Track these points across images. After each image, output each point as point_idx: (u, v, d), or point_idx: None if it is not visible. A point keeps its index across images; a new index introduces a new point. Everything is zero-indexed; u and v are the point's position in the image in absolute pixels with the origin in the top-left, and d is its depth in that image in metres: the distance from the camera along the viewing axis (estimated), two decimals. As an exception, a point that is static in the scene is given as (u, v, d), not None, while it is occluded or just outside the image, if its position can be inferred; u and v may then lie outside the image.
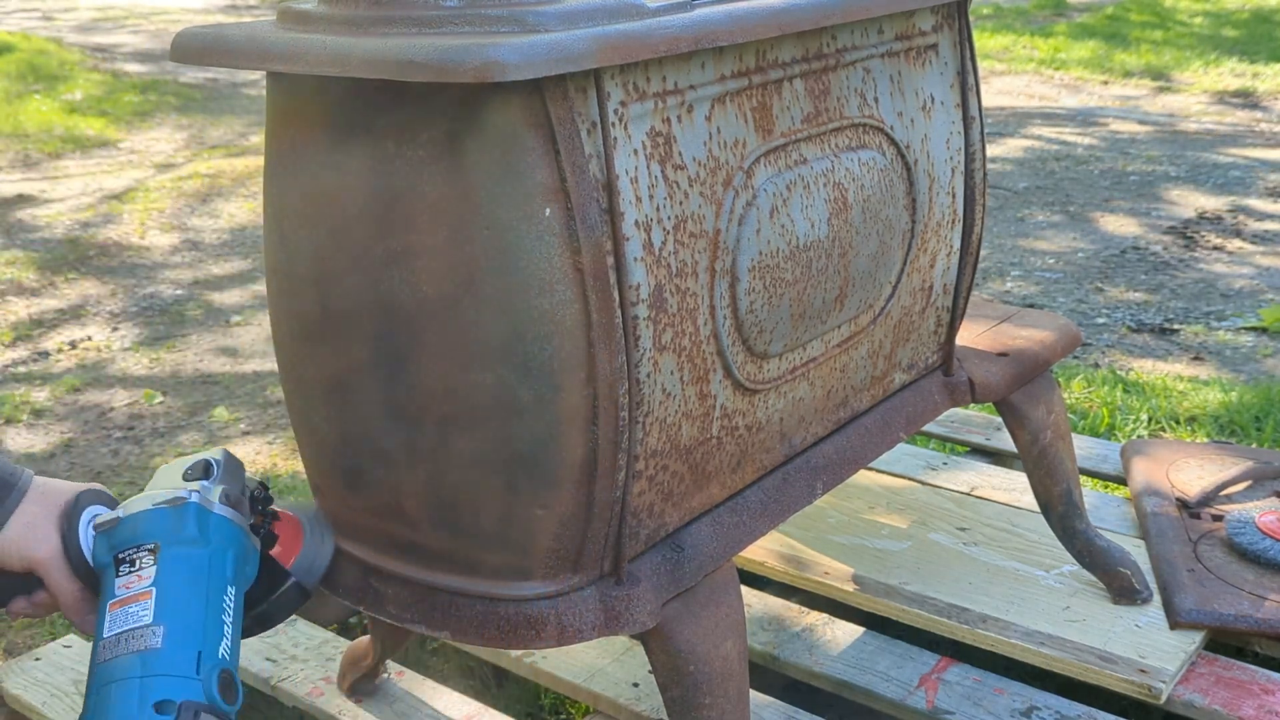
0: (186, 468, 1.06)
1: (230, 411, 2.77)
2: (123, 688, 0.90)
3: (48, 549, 1.03)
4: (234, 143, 5.40)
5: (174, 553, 0.98)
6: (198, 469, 1.05)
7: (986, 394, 1.54)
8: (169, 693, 0.89)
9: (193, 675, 0.91)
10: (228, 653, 0.96)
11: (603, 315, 1.00)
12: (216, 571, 0.99)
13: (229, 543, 1.02)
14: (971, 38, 1.43)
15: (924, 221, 1.40)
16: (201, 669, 0.91)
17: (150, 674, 0.90)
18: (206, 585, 0.98)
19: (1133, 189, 4.44)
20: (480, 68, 0.89)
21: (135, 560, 0.98)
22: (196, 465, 1.06)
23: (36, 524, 1.03)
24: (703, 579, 1.16)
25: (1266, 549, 1.72)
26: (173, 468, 1.08)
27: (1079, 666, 1.56)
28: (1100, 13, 8.08)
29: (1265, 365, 2.90)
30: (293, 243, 1.10)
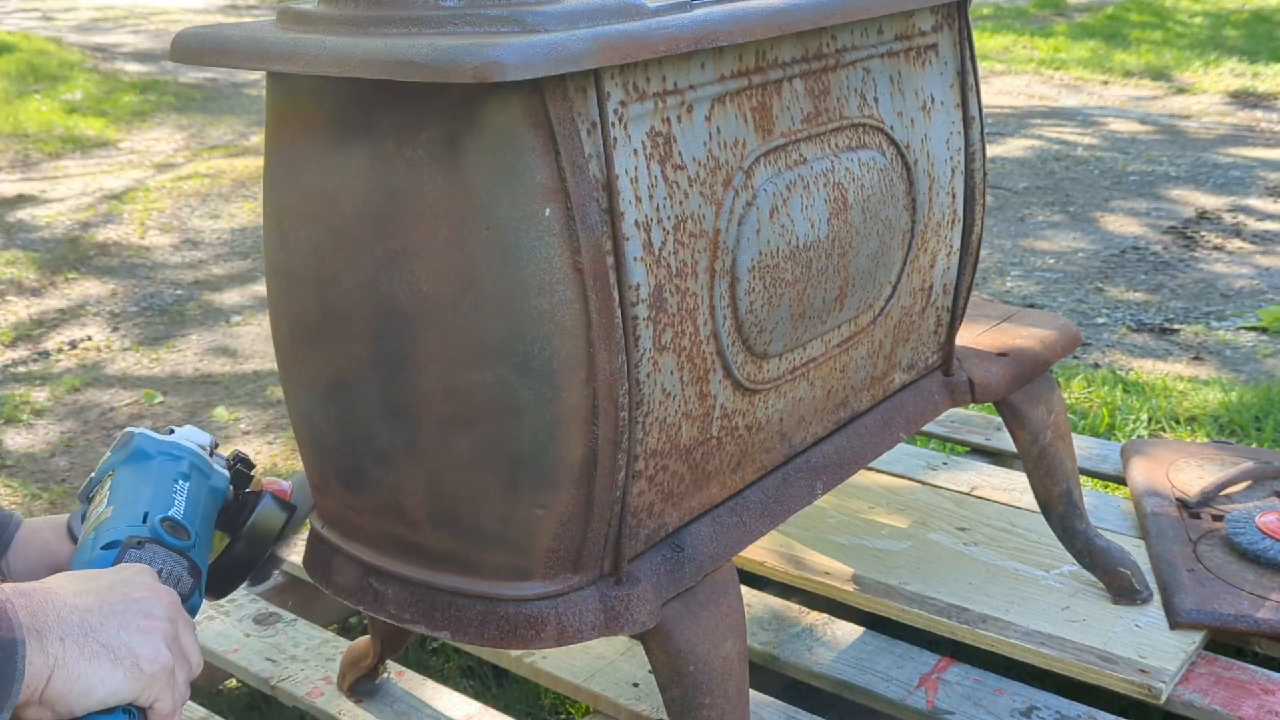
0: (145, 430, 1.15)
1: (230, 411, 2.76)
2: (78, 553, 1.02)
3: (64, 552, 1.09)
4: (234, 143, 5.40)
5: (122, 468, 1.08)
6: (161, 430, 1.14)
7: (986, 394, 1.54)
8: (114, 536, 1.00)
9: (139, 524, 1.01)
10: (179, 514, 1.04)
11: (603, 315, 1.00)
12: (160, 467, 1.08)
13: (178, 455, 1.09)
14: (971, 38, 1.43)
15: (924, 221, 1.40)
16: (148, 520, 1.01)
17: (103, 535, 1.01)
18: (153, 476, 1.07)
19: (1133, 189, 4.44)
20: (480, 68, 0.89)
21: (96, 494, 1.08)
22: (159, 429, 1.15)
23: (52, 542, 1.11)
24: (702, 579, 1.16)
25: (1266, 549, 1.72)
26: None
27: (1079, 666, 1.56)
28: (1100, 13, 8.09)
29: (1265, 365, 2.90)
30: (293, 243, 1.10)
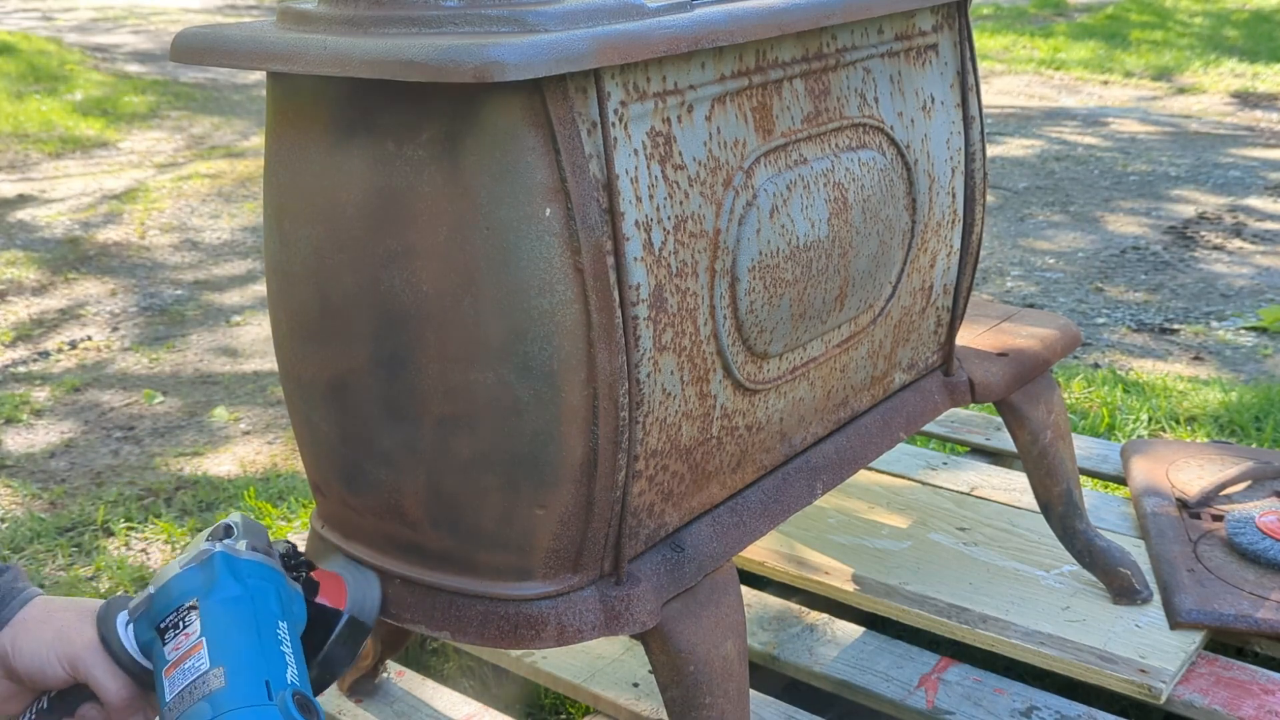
0: (208, 534, 1.03)
1: (230, 411, 2.77)
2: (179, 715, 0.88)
3: (83, 643, 0.97)
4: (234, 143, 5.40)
5: (214, 600, 0.95)
6: (218, 531, 1.02)
7: (986, 394, 1.54)
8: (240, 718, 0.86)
9: (267, 701, 0.88)
10: (296, 680, 0.92)
11: (603, 315, 1.00)
12: (262, 608, 0.96)
13: (266, 582, 0.98)
14: (971, 38, 1.43)
15: (924, 221, 1.40)
16: (274, 695, 0.89)
17: (223, 712, 0.87)
18: (255, 622, 0.94)
19: (1133, 189, 4.44)
20: (480, 68, 0.89)
21: (179, 623, 0.94)
22: (216, 529, 1.02)
23: (69, 627, 0.98)
24: (703, 579, 1.16)
25: (1266, 549, 1.72)
26: (195, 540, 1.04)
27: (1079, 666, 1.56)
28: (1100, 13, 8.09)
29: (1265, 365, 2.90)
30: (293, 242, 1.10)
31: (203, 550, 0.98)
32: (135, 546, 2.19)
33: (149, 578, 2.07)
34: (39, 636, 0.97)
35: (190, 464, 2.51)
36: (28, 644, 0.97)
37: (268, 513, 2.24)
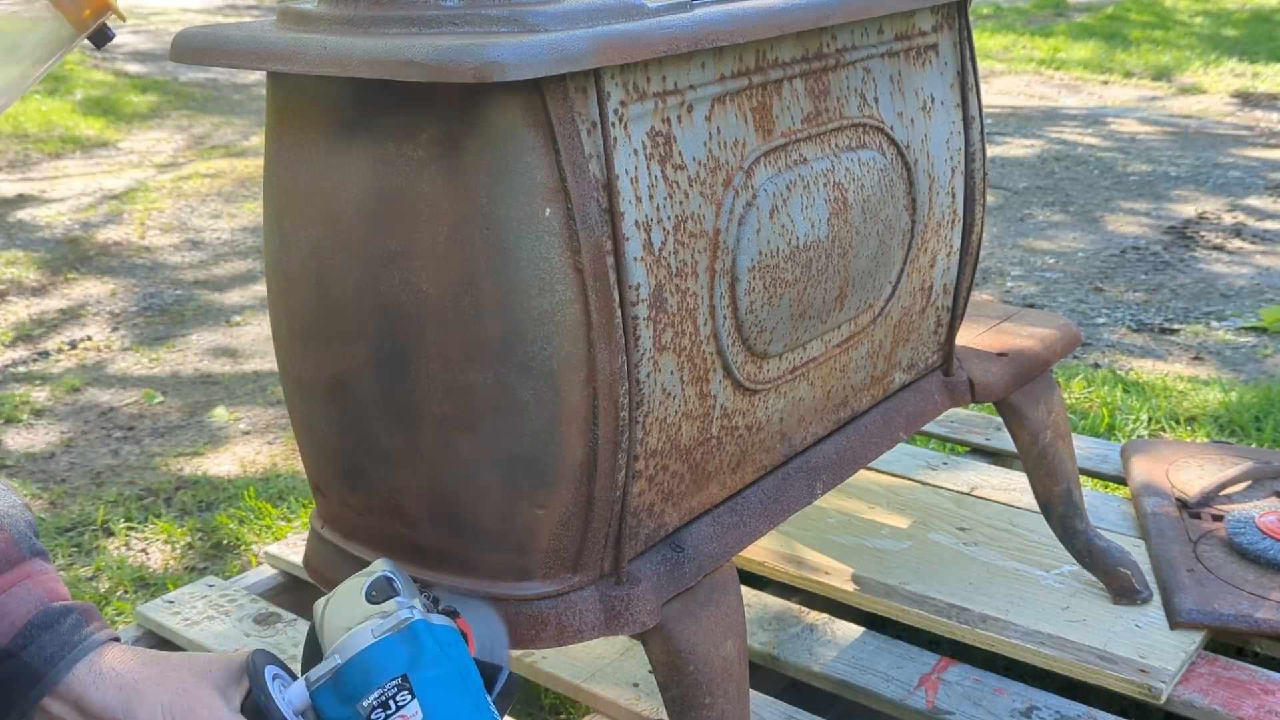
0: (367, 589, 0.94)
1: (230, 411, 2.77)
2: None
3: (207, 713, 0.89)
4: (234, 143, 5.40)
5: (425, 676, 0.88)
6: (381, 587, 0.93)
7: (986, 394, 1.54)
8: None
9: None
10: None
11: (603, 315, 1.00)
12: (470, 680, 0.91)
13: (462, 650, 0.92)
14: (971, 38, 1.43)
15: (924, 221, 1.40)
16: None
17: None
18: (471, 696, 0.90)
19: (1133, 189, 4.44)
20: (480, 68, 0.89)
21: (388, 702, 0.87)
22: (377, 584, 0.94)
23: (187, 692, 0.90)
24: (703, 579, 1.16)
25: (1266, 549, 1.72)
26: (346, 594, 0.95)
27: (1079, 666, 1.56)
28: (1100, 13, 8.09)
29: (1265, 365, 2.90)
30: (293, 242, 1.10)
31: (399, 619, 0.90)
32: (135, 546, 2.19)
33: (148, 578, 2.07)
34: (154, 702, 0.89)
35: (190, 464, 2.51)
36: (144, 712, 0.89)
37: (268, 513, 2.24)
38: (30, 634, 0.89)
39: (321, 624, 0.93)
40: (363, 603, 0.92)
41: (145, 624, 1.75)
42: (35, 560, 0.93)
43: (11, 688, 0.89)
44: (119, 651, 0.92)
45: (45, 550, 0.95)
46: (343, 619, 0.92)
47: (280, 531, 2.18)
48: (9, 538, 0.92)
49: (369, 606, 0.92)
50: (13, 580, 0.90)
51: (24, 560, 0.92)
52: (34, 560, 0.93)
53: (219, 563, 2.13)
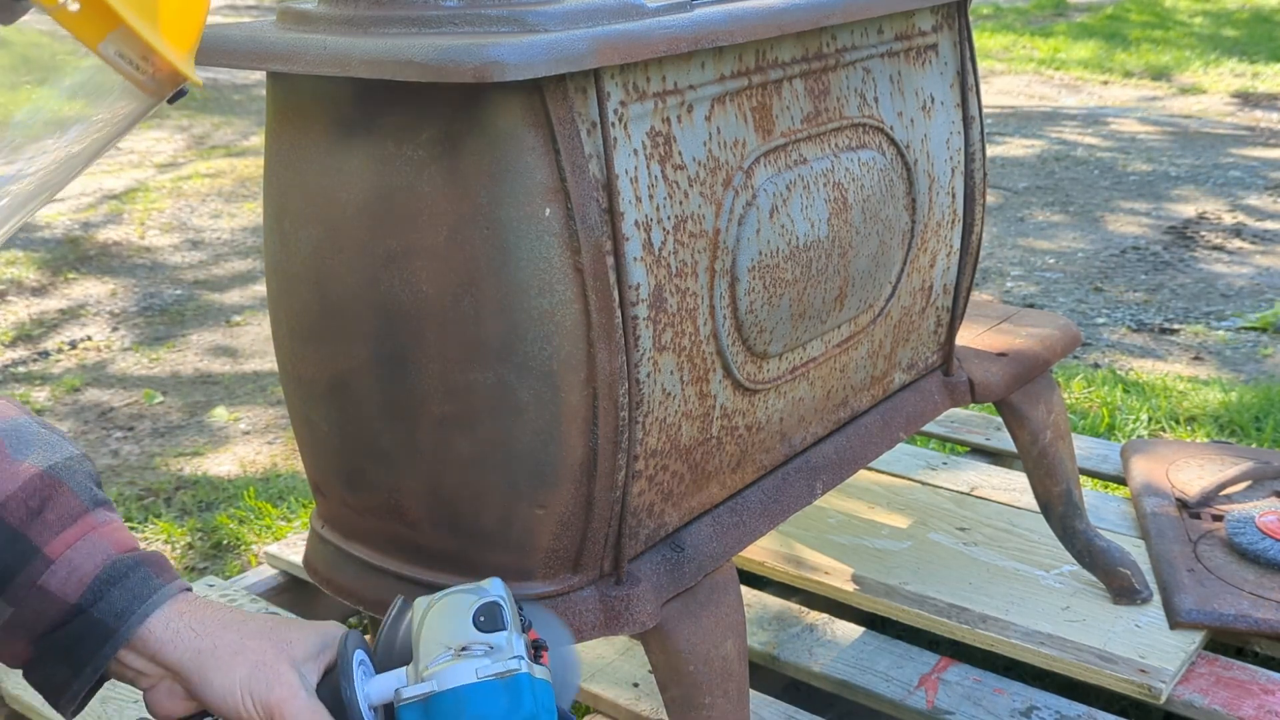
0: (476, 611, 0.90)
1: (230, 411, 2.77)
2: None
3: (287, 691, 0.87)
4: (235, 143, 5.40)
5: None
6: (491, 615, 0.90)
7: (986, 394, 1.54)
8: None
9: None
10: None
11: (602, 315, 1.00)
12: None
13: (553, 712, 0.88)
14: (971, 38, 1.43)
15: (924, 221, 1.40)
16: None
17: None
18: None
19: (1133, 189, 4.44)
20: (480, 68, 0.89)
21: None
22: (487, 610, 0.90)
23: (266, 665, 0.88)
24: (703, 579, 1.16)
25: (1266, 549, 1.72)
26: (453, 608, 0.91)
27: (1079, 666, 1.56)
28: (1100, 13, 8.09)
29: (1265, 365, 2.90)
30: (293, 242, 1.10)
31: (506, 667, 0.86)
32: (135, 546, 2.19)
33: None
34: (232, 671, 0.87)
35: (190, 464, 2.51)
36: (220, 679, 0.87)
37: (268, 513, 2.24)
38: (99, 589, 0.87)
39: (420, 625, 0.91)
40: (469, 624, 0.89)
41: (145, 624, 1.75)
42: (99, 511, 0.90)
43: (84, 644, 0.87)
44: (193, 605, 0.90)
45: (108, 499, 0.92)
46: (444, 634, 0.89)
47: (280, 531, 2.18)
48: (69, 490, 0.89)
49: (474, 632, 0.89)
50: (78, 534, 0.88)
51: (87, 512, 0.89)
52: (97, 511, 0.90)
53: (219, 563, 2.13)
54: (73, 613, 0.87)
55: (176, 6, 0.58)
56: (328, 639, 0.92)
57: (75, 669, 0.88)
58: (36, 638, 0.88)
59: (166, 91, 0.59)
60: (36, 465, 0.88)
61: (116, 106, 0.59)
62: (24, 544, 0.87)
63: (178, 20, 0.58)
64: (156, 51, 0.56)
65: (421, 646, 0.89)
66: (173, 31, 0.57)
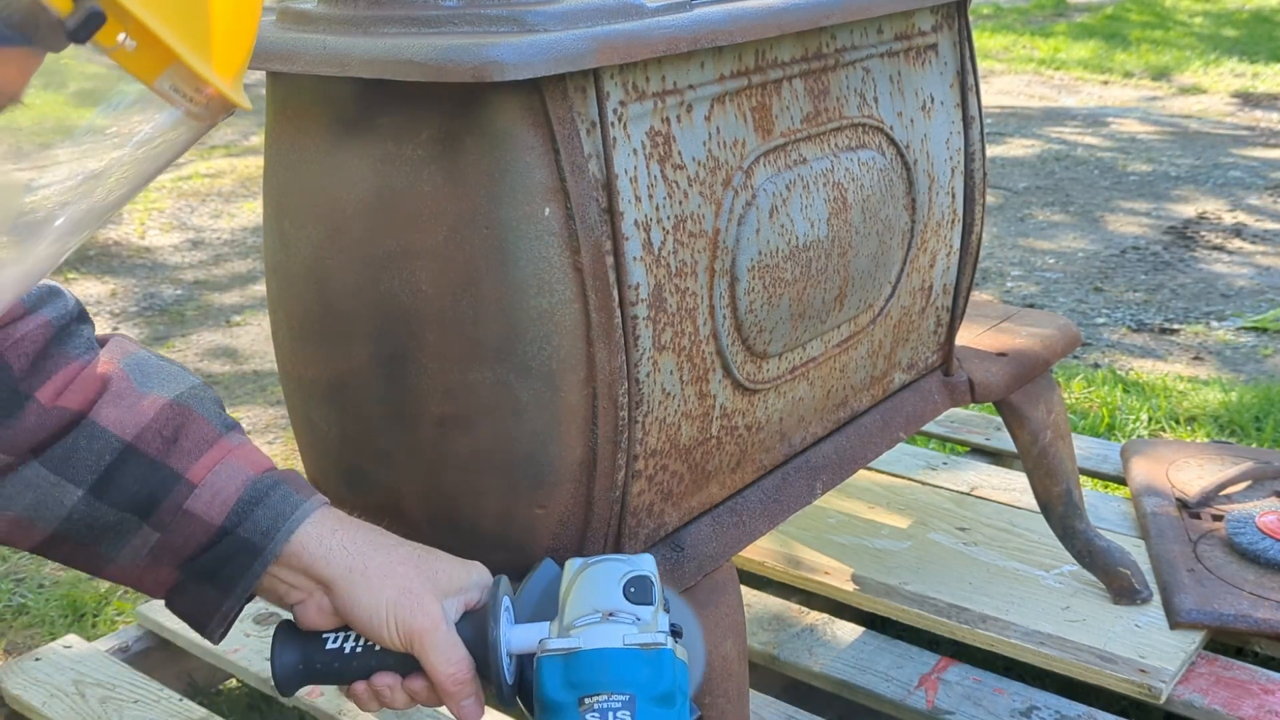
0: (627, 582, 0.91)
1: (230, 411, 2.76)
2: None
3: (429, 622, 0.89)
4: (235, 143, 5.40)
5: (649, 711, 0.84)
6: (642, 588, 0.90)
7: (986, 394, 1.54)
8: None
9: None
10: None
11: (602, 315, 1.00)
12: None
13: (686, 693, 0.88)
14: (971, 38, 1.43)
15: (924, 221, 1.40)
16: None
17: None
18: None
19: (1133, 189, 4.44)
20: (479, 67, 0.89)
21: (607, 713, 0.83)
22: (639, 583, 0.90)
23: (412, 593, 0.89)
24: (702, 579, 1.16)
25: (1266, 549, 1.72)
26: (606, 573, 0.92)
27: (1079, 666, 1.56)
28: (1100, 13, 8.09)
29: (1265, 365, 2.90)
30: (292, 242, 1.10)
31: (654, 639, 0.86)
32: (135, 546, 2.19)
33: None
34: (379, 593, 0.89)
35: (190, 464, 2.50)
36: (368, 599, 0.89)
37: (268, 513, 2.24)
38: (243, 510, 0.90)
39: (570, 586, 0.91)
40: (618, 593, 0.90)
41: (145, 624, 1.75)
42: (231, 434, 0.93)
43: (233, 563, 0.90)
44: (340, 521, 0.92)
45: (237, 423, 0.94)
46: (594, 597, 0.90)
47: (280, 531, 2.17)
48: (200, 417, 0.91)
49: (623, 601, 0.89)
50: (216, 459, 0.91)
51: (221, 436, 0.92)
52: (230, 435, 0.93)
53: (219, 563, 2.13)
54: (219, 535, 0.90)
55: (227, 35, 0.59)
56: (476, 579, 0.94)
57: (224, 589, 0.90)
58: (182, 562, 0.91)
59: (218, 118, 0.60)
60: (165, 395, 0.91)
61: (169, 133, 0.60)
62: (165, 471, 0.89)
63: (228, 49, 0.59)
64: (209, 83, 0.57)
65: (569, 605, 0.90)
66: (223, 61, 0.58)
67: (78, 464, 0.88)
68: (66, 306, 0.92)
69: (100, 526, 0.89)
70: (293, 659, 0.93)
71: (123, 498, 0.89)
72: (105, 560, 0.91)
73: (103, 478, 0.88)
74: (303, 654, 0.93)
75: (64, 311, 0.91)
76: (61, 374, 0.89)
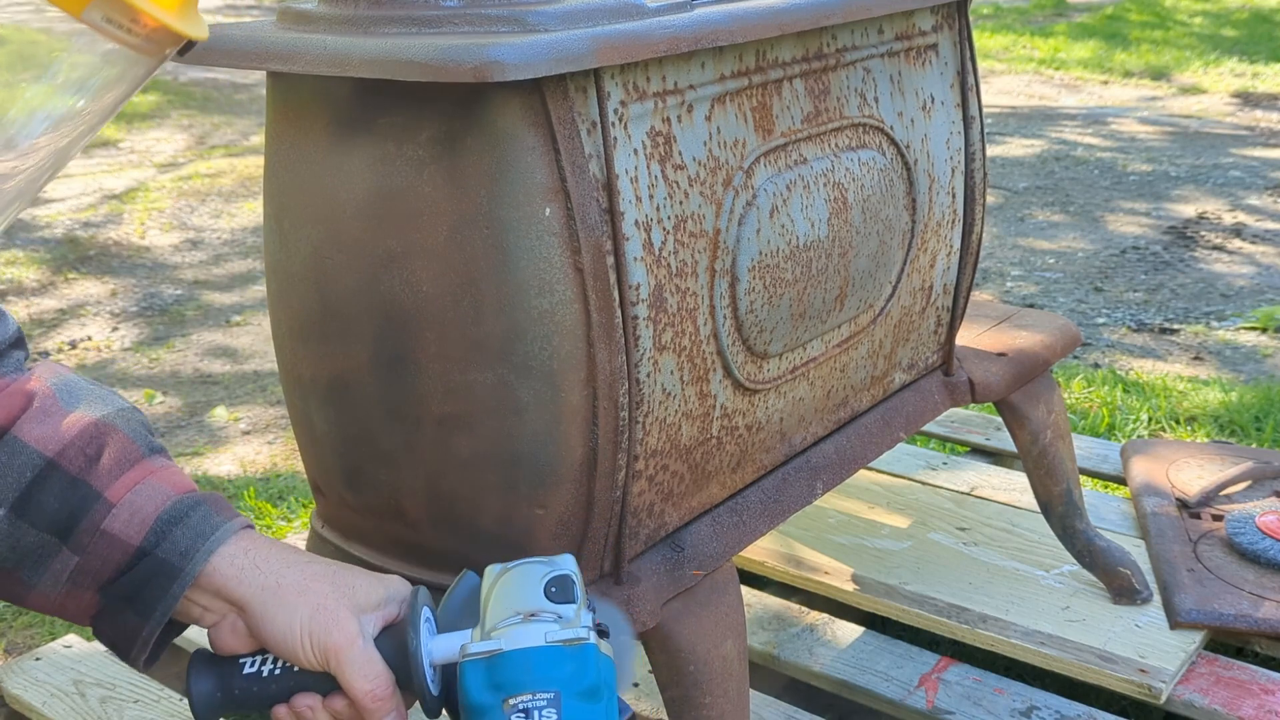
0: (548, 582, 0.90)
1: (230, 411, 2.77)
2: None
3: (344, 638, 0.87)
4: (235, 143, 5.40)
5: (574, 707, 0.83)
6: (563, 587, 0.90)
7: (986, 394, 1.54)
8: None
9: None
10: None
11: (602, 315, 1.00)
12: None
13: (613, 689, 0.87)
14: (971, 38, 1.43)
15: (924, 221, 1.40)
16: None
17: None
18: None
19: (1133, 189, 4.44)
20: (479, 67, 0.89)
21: (533, 711, 0.82)
22: (560, 582, 0.90)
23: (326, 610, 0.87)
24: (702, 579, 1.16)
25: (1266, 549, 1.72)
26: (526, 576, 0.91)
27: (1079, 666, 1.56)
28: (1100, 13, 8.09)
29: (1265, 365, 2.90)
30: (293, 242, 1.10)
31: (576, 635, 0.86)
32: (135, 546, 2.19)
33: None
34: (294, 612, 0.87)
35: (190, 464, 2.51)
36: (282, 618, 0.87)
37: (267, 513, 2.24)
38: (162, 530, 0.88)
39: (490, 590, 0.91)
40: (540, 593, 0.89)
41: (145, 624, 1.75)
42: (155, 457, 0.91)
43: (151, 585, 0.87)
44: (256, 542, 0.90)
45: (163, 446, 0.93)
46: (515, 599, 0.89)
47: (280, 531, 2.18)
48: (125, 436, 0.89)
49: (545, 600, 0.89)
50: (136, 478, 0.88)
51: (144, 458, 0.90)
52: (154, 457, 0.91)
53: (219, 563, 2.13)
54: (137, 556, 0.87)
55: None
56: (392, 593, 0.92)
57: (144, 613, 0.88)
58: (102, 585, 0.88)
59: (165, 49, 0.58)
60: (91, 414, 0.89)
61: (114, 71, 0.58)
62: (84, 489, 0.87)
63: None
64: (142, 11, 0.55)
65: (490, 610, 0.89)
66: None
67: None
68: (7, 330, 0.90)
69: (22, 549, 0.86)
70: (209, 686, 0.89)
71: (42, 517, 0.86)
72: (27, 587, 0.88)
73: (23, 495, 0.86)
74: (220, 680, 0.90)
75: (3, 336, 0.90)
76: None
